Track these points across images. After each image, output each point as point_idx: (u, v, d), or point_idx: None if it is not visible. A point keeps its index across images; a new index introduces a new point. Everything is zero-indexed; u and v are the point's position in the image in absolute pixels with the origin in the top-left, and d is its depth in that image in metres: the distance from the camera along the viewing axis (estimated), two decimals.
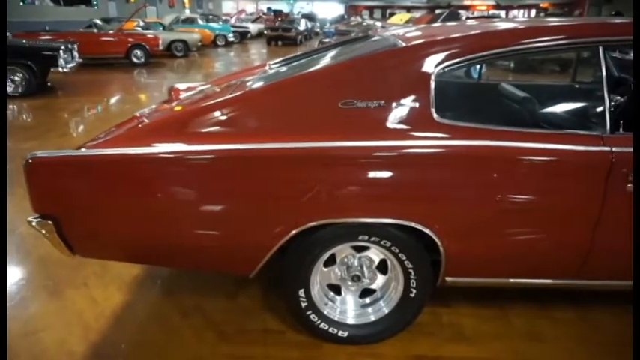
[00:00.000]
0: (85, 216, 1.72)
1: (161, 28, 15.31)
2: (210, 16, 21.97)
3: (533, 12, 39.09)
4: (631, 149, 1.63)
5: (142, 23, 14.81)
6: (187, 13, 23.67)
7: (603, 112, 1.69)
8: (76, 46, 8.53)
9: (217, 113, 1.73)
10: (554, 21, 2.19)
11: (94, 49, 11.16)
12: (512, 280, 1.87)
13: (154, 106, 2.30)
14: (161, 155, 1.65)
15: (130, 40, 11.85)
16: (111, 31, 12.00)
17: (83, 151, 1.68)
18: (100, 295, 2.29)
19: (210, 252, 1.81)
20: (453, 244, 1.72)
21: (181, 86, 2.62)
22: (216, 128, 1.71)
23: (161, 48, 12.46)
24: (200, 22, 18.93)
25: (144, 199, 1.70)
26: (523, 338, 2.00)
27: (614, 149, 1.63)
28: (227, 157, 1.64)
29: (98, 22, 12.50)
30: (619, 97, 2.38)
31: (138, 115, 2.10)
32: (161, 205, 1.70)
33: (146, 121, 1.93)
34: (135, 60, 11.92)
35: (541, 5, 38.07)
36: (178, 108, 2.10)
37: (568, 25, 2.01)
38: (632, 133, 1.67)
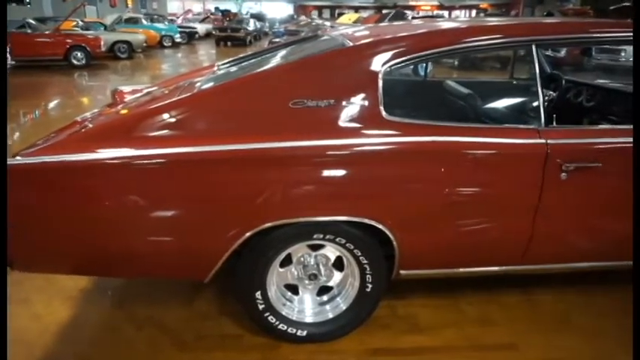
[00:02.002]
0: (26, 228, 1.63)
1: (102, 29, 14.66)
2: (155, 16, 21.26)
3: (474, 12, 40.81)
4: (564, 140, 1.76)
5: (81, 23, 14.11)
6: (130, 12, 22.77)
7: (538, 106, 1.80)
8: (7, 48, 7.99)
9: (165, 116, 1.68)
10: (492, 21, 2.31)
11: (28, 51, 10.52)
12: (462, 269, 1.95)
13: (96, 110, 2.21)
14: (107, 161, 1.58)
15: (69, 41, 11.25)
16: (47, 32, 11.34)
17: (18, 159, 1.58)
18: (43, 310, 2.17)
19: (163, 259, 1.76)
20: (405, 238, 1.77)
21: (126, 89, 2.52)
22: (165, 131, 1.67)
23: (103, 49, 11.91)
24: (144, 22, 18.27)
25: (90, 208, 1.62)
26: (474, 324, 2.09)
27: (549, 141, 1.74)
28: (177, 160, 1.60)
29: (32, 21, 11.76)
30: (552, 93, 2.54)
31: (79, 119, 2.00)
32: (110, 213, 1.64)
33: (89, 125, 1.84)
34: (75, 62, 11.33)
35: (481, 6, 39.83)
36: (124, 111, 2.02)
37: (505, 24, 2.13)
38: (564, 125, 1.80)
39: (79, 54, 11.36)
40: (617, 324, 2.08)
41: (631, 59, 10.25)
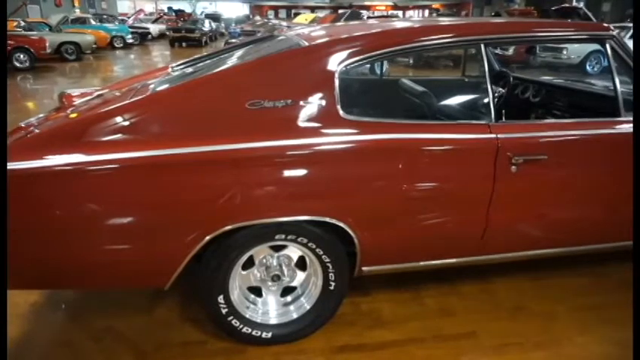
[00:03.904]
0: None
1: (47, 29, 13.95)
2: (105, 16, 20.48)
3: (426, 12, 41.89)
4: (512, 135, 1.84)
5: (23, 23, 13.37)
6: (77, 12, 21.80)
7: (488, 103, 1.87)
8: None
9: (118, 119, 1.62)
10: (444, 21, 2.37)
11: None
12: (422, 263, 2.00)
13: (42, 115, 2.10)
14: (56, 168, 1.51)
15: (10, 42, 10.62)
16: None
17: None
18: None
19: (121, 268, 1.70)
20: (366, 235, 1.79)
21: (75, 92, 2.40)
22: (118, 135, 1.60)
23: (49, 51, 11.33)
24: (93, 22, 17.56)
25: (40, 218, 1.55)
26: (436, 315, 2.15)
27: (499, 135, 1.82)
28: (131, 165, 1.55)
29: None
30: (501, 89, 2.65)
31: (24, 125, 1.89)
32: (61, 223, 1.57)
33: (35, 131, 1.75)
34: (18, 64, 10.73)
35: (433, 6, 40.93)
36: (73, 115, 1.93)
37: (456, 24, 2.20)
38: (512, 120, 1.90)
39: (21, 56, 10.77)
40: (570, 307, 2.20)
41: (572, 57, 10.86)
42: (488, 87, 1.89)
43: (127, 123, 1.62)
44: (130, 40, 17.93)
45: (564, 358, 1.89)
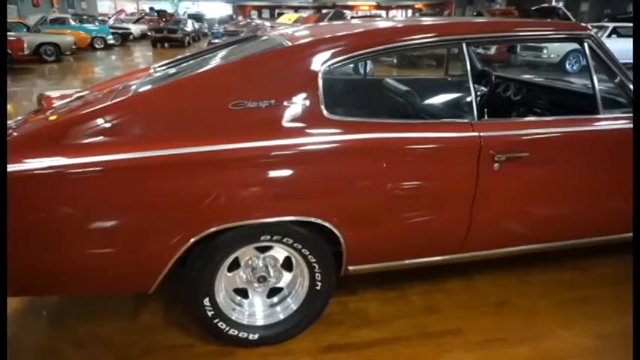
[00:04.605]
0: None
1: (25, 30, 13.64)
2: (85, 17, 20.14)
3: (409, 12, 42.21)
4: (495, 133, 1.87)
5: None
6: (56, 12, 21.38)
7: (471, 101, 1.90)
8: None
9: (100, 121, 1.59)
10: (427, 20, 2.40)
11: None
12: (407, 261, 2.01)
13: (20, 118, 2.05)
14: (37, 172, 1.48)
15: None
16: None
17: None
18: None
19: (105, 272, 1.67)
20: (352, 235, 1.80)
21: (54, 94, 2.36)
22: (100, 137, 1.58)
23: (27, 52, 11.11)
24: (72, 22, 17.25)
25: (19, 223, 1.51)
26: (422, 313, 2.16)
27: (481, 134, 1.84)
28: (114, 168, 1.53)
29: None
30: (483, 88, 2.69)
31: None
32: (43, 227, 1.54)
33: (14, 134, 1.71)
34: None
35: (416, 6, 41.27)
36: (53, 117, 1.90)
37: (438, 24, 2.22)
38: (494, 118, 1.92)
39: None
40: (551, 301, 2.24)
41: (552, 56, 11.06)
42: (471, 86, 1.91)
43: (108, 125, 1.59)
44: (111, 41, 17.65)
45: (548, 352, 1.92)
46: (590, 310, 2.18)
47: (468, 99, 1.92)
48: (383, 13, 40.63)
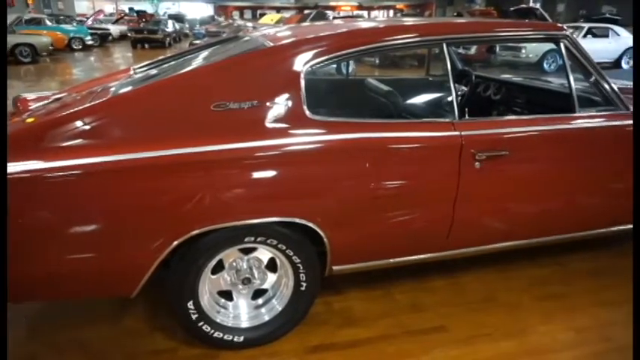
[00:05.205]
0: None
1: None
2: (62, 17, 19.74)
3: (391, 12, 42.51)
4: (475, 132, 1.89)
5: None
6: (32, 12, 20.90)
7: (452, 101, 1.92)
8: None
9: (78, 123, 1.56)
10: (408, 21, 2.42)
11: None
12: (392, 260, 2.02)
13: None
14: (13, 176, 1.44)
15: None
16: None
17: None
18: None
19: (86, 277, 1.64)
20: (335, 235, 1.80)
21: (30, 96, 2.31)
22: (79, 140, 1.55)
23: None
24: (49, 22, 16.90)
25: None
26: (407, 311, 2.18)
27: (462, 133, 1.86)
28: (93, 171, 1.50)
29: None
30: (464, 88, 2.72)
31: None
32: (22, 232, 1.50)
33: None
34: None
35: (397, 7, 41.60)
36: (30, 120, 1.85)
37: (419, 24, 2.24)
38: (475, 118, 1.95)
39: None
40: (534, 297, 2.28)
41: (530, 55, 11.26)
42: (452, 86, 1.93)
43: (87, 127, 1.56)
44: (90, 42, 17.33)
45: (531, 347, 1.95)
46: (570, 304, 2.23)
47: (449, 98, 1.94)
48: (365, 13, 40.86)
